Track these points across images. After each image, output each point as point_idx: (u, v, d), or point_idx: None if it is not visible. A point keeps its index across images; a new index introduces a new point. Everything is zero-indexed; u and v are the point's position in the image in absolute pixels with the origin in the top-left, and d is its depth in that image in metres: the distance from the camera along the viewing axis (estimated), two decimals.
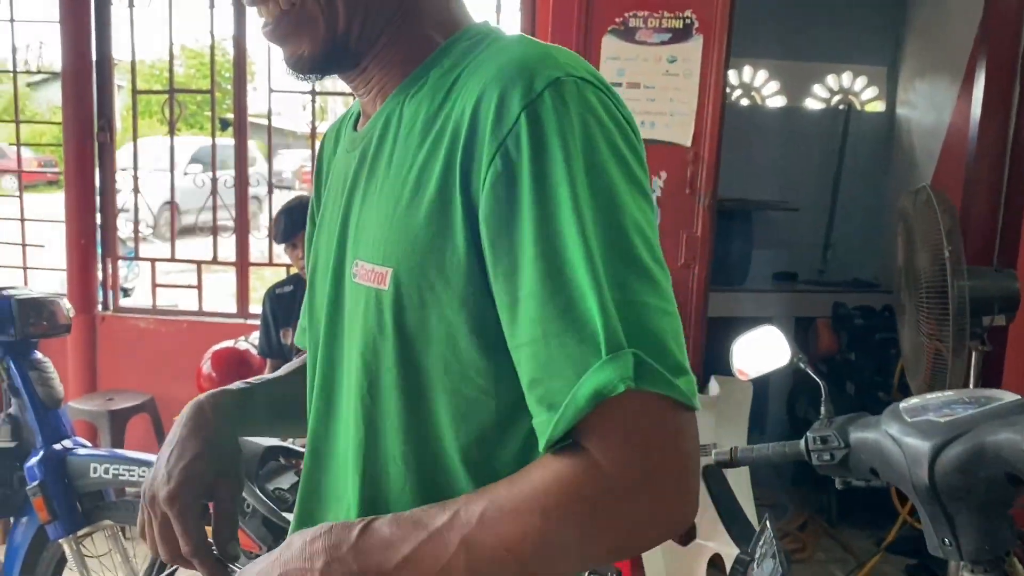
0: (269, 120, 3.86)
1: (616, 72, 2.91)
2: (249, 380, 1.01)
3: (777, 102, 5.12)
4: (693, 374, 0.68)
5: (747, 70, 5.02)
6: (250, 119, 3.82)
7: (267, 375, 1.06)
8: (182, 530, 0.85)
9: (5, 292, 2.34)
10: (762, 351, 1.76)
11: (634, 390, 0.64)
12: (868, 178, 5.01)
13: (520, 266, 0.67)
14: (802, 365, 1.67)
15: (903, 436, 1.37)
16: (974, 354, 2.41)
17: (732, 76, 5.01)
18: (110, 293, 3.79)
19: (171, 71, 3.77)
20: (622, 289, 0.66)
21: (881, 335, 3.68)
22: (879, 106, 5.09)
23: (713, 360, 2.97)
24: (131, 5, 3.60)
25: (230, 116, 3.94)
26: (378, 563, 0.69)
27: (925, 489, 1.31)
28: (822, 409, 1.56)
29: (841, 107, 5.07)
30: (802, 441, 1.54)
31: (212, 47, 3.81)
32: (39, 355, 2.40)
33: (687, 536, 2.88)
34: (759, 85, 5.05)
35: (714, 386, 2.94)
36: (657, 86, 2.89)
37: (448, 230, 0.71)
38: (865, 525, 3.51)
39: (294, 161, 13.79)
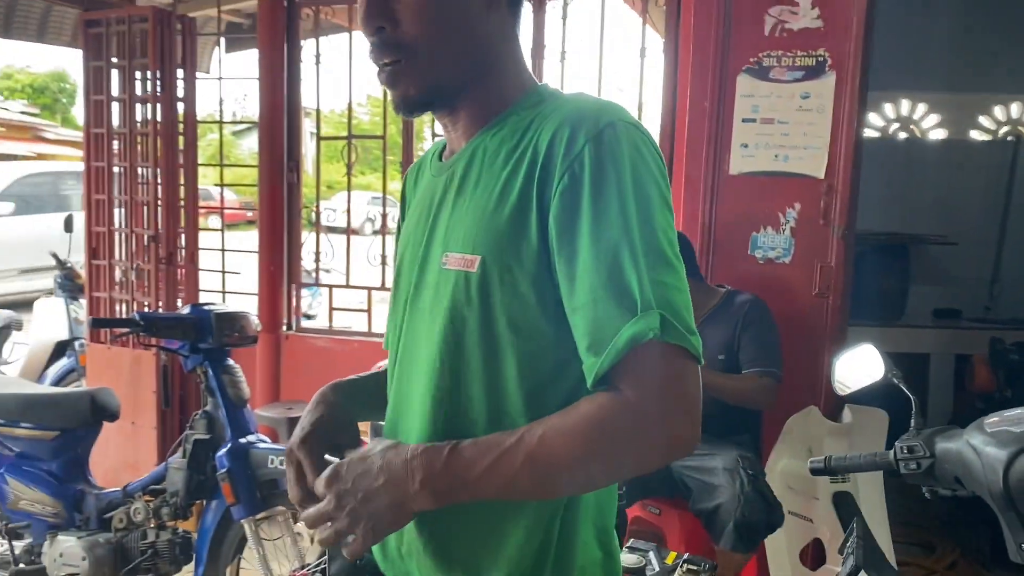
0: None
1: (750, 108, 3.04)
2: (361, 374, 1.27)
3: (937, 135, 5.00)
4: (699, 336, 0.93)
5: (905, 103, 4.95)
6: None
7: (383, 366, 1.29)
8: (309, 464, 1.08)
9: (206, 307, 2.77)
10: (859, 367, 1.85)
11: (659, 339, 0.88)
12: None
13: (579, 251, 0.92)
14: (895, 380, 1.75)
15: (982, 445, 1.45)
16: None
17: (889, 110, 4.96)
18: (293, 316, 4.26)
19: (349, 120, 4.21)
20: (652, 271, 0.91)
21: None
22: None
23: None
24: (317, 63, 4.09)
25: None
26: (463, 477, 0.93)
27: (1001, 495, 1.39)
28: (911, 422, 1.64)
29: (1009, 138, 4.89)
30: (891, 451, 1.64)
31: (384, 98, 4.24)
32: (231, 361, 2.81)
33: (817, 560, 2.92)
34: (918, 118, 4.97)
35: (847, 415, 2.96)
36: (791, 121, 3.00)
37: (525, 227, 0.96)
38: (1021, 569, 3.35)
39: None
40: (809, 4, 2.95)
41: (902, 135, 5.00)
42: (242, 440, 2.72)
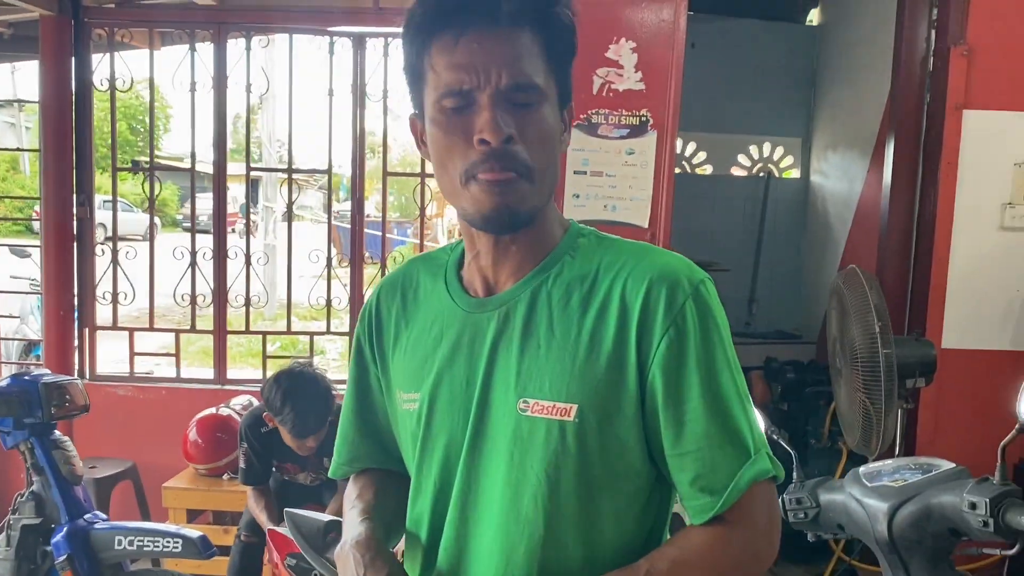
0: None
1: (581, 162, 3.24)
2: (367, 511, 1.16)
3: (707, 170, 5.57)
4: None
5: (678, 142, 5.45)
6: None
7: (365, 499, 1.20)
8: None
9: (32, 376, 2.49)
10: None
11: (769, 477, 1.02)
12: (787, 239, 5.49)
13: (688, 399, 1.01)
14: (775, 437, 1.98)
15: (864, 498, 1.70)
16: (899, 411, 2.81)
17: None
18: (87, 361, 3.89)
19: (151, 145, 3.92)
20: (748, 414, 1.04)
21: (810, 388, 4.06)
22: (796, 174, 5.59)
23: None
24: (112, 85, 3.77)
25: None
26: None
27: (885, 541, 1.64)
28: (794, 474, 1.88)
29: (762, 175, 5.56)
30: (779, 502, 1.86)
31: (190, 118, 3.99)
32: (59, 434, 2.55)
33: None
34: (690, 155, 5.50)
35: None
36: (618, 175, 3.24)
37: (623, 377, 1.02)
38: (802, 561, 3.86)
39: None
40: (633, 68, 3.20)
41: (676, 170, 5.49)
42: (80, 521, 2.48)
